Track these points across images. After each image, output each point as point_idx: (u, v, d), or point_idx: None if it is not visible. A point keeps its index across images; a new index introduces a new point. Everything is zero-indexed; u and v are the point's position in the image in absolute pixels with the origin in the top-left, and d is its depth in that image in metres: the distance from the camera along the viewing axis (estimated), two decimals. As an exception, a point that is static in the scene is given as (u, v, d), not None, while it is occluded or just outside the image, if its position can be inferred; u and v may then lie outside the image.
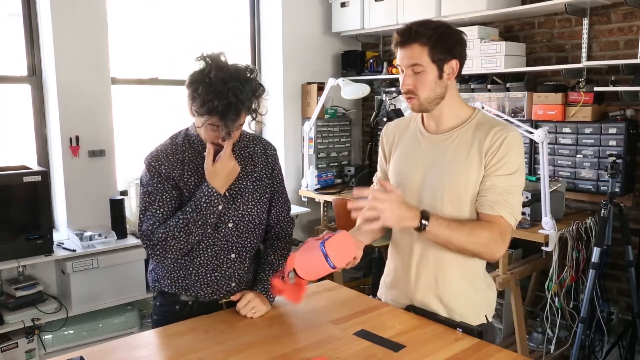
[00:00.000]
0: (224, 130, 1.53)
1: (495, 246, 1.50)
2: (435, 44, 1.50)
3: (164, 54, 3.75)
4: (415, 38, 1.50)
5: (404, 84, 1.55)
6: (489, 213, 1.51)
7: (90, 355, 1.41)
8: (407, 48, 1.52)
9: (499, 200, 1.50)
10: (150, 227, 1.60)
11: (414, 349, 1.42)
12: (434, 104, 1.57)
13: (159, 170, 1.62)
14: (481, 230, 1.49)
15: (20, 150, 3.37)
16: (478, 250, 1.51)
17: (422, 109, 1.58)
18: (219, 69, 1.51)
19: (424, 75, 1.52)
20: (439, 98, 1.56)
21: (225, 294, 1.70)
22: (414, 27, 1.52)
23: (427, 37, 1.50)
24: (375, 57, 4.35)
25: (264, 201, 1.74)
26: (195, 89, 1.52)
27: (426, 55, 1.50)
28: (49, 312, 2.97)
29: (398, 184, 1.69)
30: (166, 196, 1.62)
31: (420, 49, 1.50)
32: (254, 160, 1.74)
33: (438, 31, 1.51)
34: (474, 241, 1.49)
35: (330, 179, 4.21)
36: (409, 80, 1.54)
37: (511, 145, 1.51)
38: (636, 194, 3.10)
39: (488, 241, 1.49)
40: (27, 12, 3.20)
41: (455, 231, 1.47)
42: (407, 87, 1.54)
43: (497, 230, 1.50)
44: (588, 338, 2.77)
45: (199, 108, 1.52)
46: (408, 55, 1.52)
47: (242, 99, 1.51)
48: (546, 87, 3.29)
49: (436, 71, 1.52)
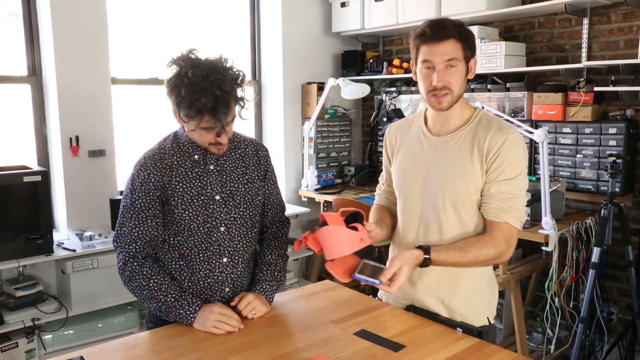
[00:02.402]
0: (218, 126, 1.52)
1: (502, 257, 1.54)
2: (466, 40, 1.52)
3: (164, 54, 3.74)
4: (451, 33, 1.50)
5: (440, 79, 1.50)
6: (494, 220, 1.53)
7: (90, 355, 1.41)
8: (443, 43, 1.49)
9: (504, 207, 1.52)
10: (123, 258, 1.61)
11: (414, 349, 1.42)
12: (457, 101, 1.57)
13: (147, 179, 1.60)
14: (486, 249, 1.51)
15: (20, 150, 3.37)
16: (485, 265, 1.57)
17: (451, 105, 1.56)
18: (194, 66, 1.49)
19: (457, 71, 1.52)
20: (461, 96, 1.57)
21: (220, 299, 1.68)
22: (448, 22, 1.52)
23: (459, 33, 1.50)
24: (375, 57, 4.35)
25: (257, 203, 1.72)
26: (178, 93, 1.48)
27: (460, 50, 1.51)
28: (49, 312, 2.97)
29: (401, 185, 1.69)
30: (142, 215, 1.60)
31: (456, 45, 1.50)
32: (245, 162, 1.72)
33: (464, 29, 1.53)
34: (479, 264, 1.54)
35: (330, 179, 4.21)
36: (442, 76, 1.51)
37: (510, 148, 1.51)
38: (636, 194, 3.10)
39: (494, 256, 1.53)
40: (27, 12, 3.20)
41: (459, 261, 1.51)
42: (442, 83, 1.51)
43: (502, 239, 1.52)
44: (588, 338, 2.77)
45: (187, 111, 1.49)
46: (445, 51, 1.49)
47: (227, 89, 1.49)
48: (546, 87, 3.29)
49: (465, 68, 1.54)
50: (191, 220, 1.61)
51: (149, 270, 1.60)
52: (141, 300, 1.62)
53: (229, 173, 1.67)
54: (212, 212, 1.63)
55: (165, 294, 1.58)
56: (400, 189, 1.70)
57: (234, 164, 1.69)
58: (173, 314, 1.58)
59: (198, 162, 1.64)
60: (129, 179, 1.65)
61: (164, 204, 1.62)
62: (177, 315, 1.57)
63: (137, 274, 1.60)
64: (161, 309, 1.58)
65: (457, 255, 1.50)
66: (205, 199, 1.62)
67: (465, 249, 1.51)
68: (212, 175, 1.65)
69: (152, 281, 1.59)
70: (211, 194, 1.63)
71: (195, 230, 1.62)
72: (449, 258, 1.50)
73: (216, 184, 1.64)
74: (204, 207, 1.62)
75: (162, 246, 1.67)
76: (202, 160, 1.65)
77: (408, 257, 1.48)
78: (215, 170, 1.65)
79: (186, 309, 1.57)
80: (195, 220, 1.62)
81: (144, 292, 1.59)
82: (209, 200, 1.63)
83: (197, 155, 1.64)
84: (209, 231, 1.63)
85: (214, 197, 1.63)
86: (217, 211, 1.63)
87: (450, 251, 1.51)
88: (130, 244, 1.61)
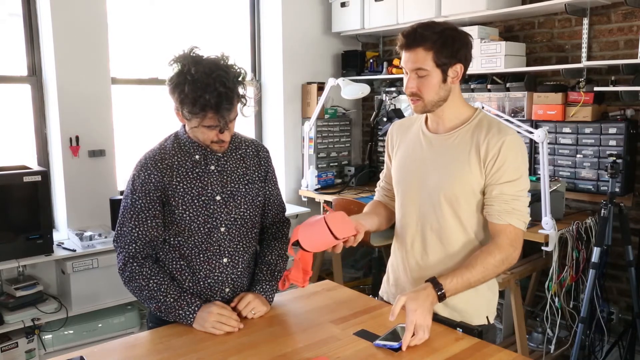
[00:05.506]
0: (221, 123, 1.52)
1: (509, 260, 1.53)
2: (440, 48, 1.49)
3: (164, 54, 3.74)
4: (420, 42, 1.49)
5: (408, 86, 1.55)
6: (497, 223, 1.53)
7: (90, 355, 1.41)
8: (412, 51, 1.51)
9: (507, 209, 1.51)
10: (123, 258, 1.61)
11: (414, 349, 1.42)
12: (437, 106, 1.57)
13: (147, 179, 1.60)
14: (492, 257, 1.50)
15: (20, 150, 3.37)
16: (497, 274, 1.55)
17: (425, 110, 1.59)
18: (196, 63, 1.49)
19: (428, 79, 1.51)
20: (442, 100, 1.56)
21: (220, 300, 1.67)
22: (419, 30, 1.50)
23: (432, 41, 1.48)
24: (375, 57, 4.35)
25: (257, 204, 1.73)
26: (182, 90, 1.49)
27: (430, 59, 1.49)
28: (49, 312, 2.97)
29: (399, 182, 1.70)
30: (142, 216, 1.60)
31: (424, 54, 1.49)
32: (246, 163, 1.72)
33: (443, 35, 1.49)
34: (491, 273, 1.51)
35: (330, 179, 4.21)
36: (412, 83, 1.53)
37: (509, 151, 1.51)
38: (636, 194, 3.10)
39: (502, 261, 1.51)
40: (27, 12, 3.20)
41: (471, 277, 1.49)
42: (411, 90, 1.54)
43: (507, 242, 1.51)
44: (588, 338, 2.77)
45: (191, 108, 1.49)
46: (412, 59, 1.51)
47: (230, 86, 1.50)
48: (546, 87, 3.29)
49: (440, 75, 1.52)
50: (192, 220, 1.61)
51: (148, 271, 1.60)
52: (141, 301, 1.62)
53: (230, 173, 1.67)
54: (212, 213, 1.63)
55: (164, 294, 1.58)
56: (399, 187, 1.71)
57: (235, 164, 1.69)
58: (173, 314, 1.58)
59: (199, 162, 1.64)
60: (130, 179, 1.65)
61: (165, 204, 1.62)
62: (177, 316, 1.58)
63: (137, 274, 1.60)
64: (161, 309, 1.59)
65: (466, 273, 1.48)
66: (206, 200, 1.62)
67: (472, 264, 1.49)
68: (212, 175, 1.65)
69: (152, 281, 1.59)
70: (212, 195, 1.63)
71: (195, 231, 1.62)
72: (459, 279, 1.47)
73: (217, 184, 1.64)
74: (205, 208, 1.62)
75: (162, 246, 1.67)
76: (203, 161, 1.65)
77: (421, 299, 1.43)
78: (216, 171, 1.65)
79: (185, 310, 1.57)
80: (195, 220, 1.62)
81: (143, 293, 1.59)
82: (210, 200, 1.63)
83: (198, 155, 1.64)
84: (209, 231, 1.63)
85: (214, 197, 1.63)
86: (217, 212, 1.63)
87: (458, 272, 1.49)
88: (131, 244, 1.61)
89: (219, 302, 1.63)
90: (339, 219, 1.52)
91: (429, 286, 1.46)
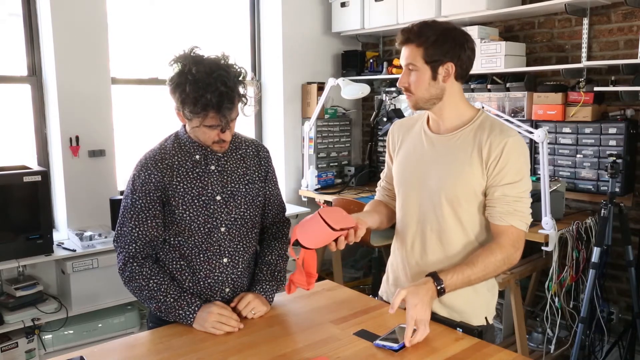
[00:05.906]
0: (222, 122, 1.52)
1: (510, 260, 1.53)
2: (430, 46, 1.52)
3: (164, 54, 3.75)
4: (412, 38, 1.54)
5: (400, 81, 1.59)
6: (499, 224, 1.53)
7: (90, 355, 1.41)
8: (405, 47, 1.56)
9: (509, 211, 1.52)
10: (123, 258, 1.61)
11: (414, 349, 1.42)
12: (430, 103, 1.58)
13: (148, 179, 1.60)
14: (493, 256, 1.51)
15: (20, 150, 3.37)
16: (498, 273, 1.55)
17: (418, 106, 1.61)
18: (197, 63, 1.50)
19: (417, 75, 1.55)
20: (434, 99, 1.57)
21: (220, 300, 1.67)
22: (414, 27, 1.55)
23: (425, 37, 1.52)
24: (375, 57, 4.35)
25: (257, 204, 1.73)
26: (183, 90, 1.49)
27: (420, 56, 1.53)
28: (49, 312, 2.97)
29: (400, 181, 1.70)
30: (142, 216, 1.60)
31: (415, 50, 1.53)
32: (246, 163, 1.72)
33: (437, 33, 1.52)
34: (491, 271, 1.52)
35: (330, 179, 4.21)
36: (404, 79, 1.58)
37: (512, 152, 1.51)
38: (636, 194, 3.10)
39: (503, 260, 1.52)
40: (27, 12, 3.20)
41: (471, 275, 1.50)
42: (402, 84, 1.59)
43: (509, 243, 1.52)
44: (588, 338, 2.77)
45: (193, 107, 1.49)
46: (405, 55, 1.56)
47: (231, 86, 1.50)
48: (546, 87, 3.29)
49: (429, 72, 1.54)
50: (192, 220, 1.61)
51: (148, 271, 1.60)
52: (141, 301, 1.62)
53: (230, 173, 1.67)
54: (212, 213, 1.63)
55: (164, 294, 1.58)
56: (400, 186, 1.71)
57: (235, 164, 1.69)
58: (173, 314, 1.58)
59: (199, 162, 1.64)
60: (130, 179, 1.65)
61: (165, 204, 1.62)
62: (177, 316, 1.58)
63: (137, 274, 1.60)
64: (161, 309, 1.59)
65: (467, 270, 1.49)
66: (206, 200, 1.62)
67: (473, 261, 1.50)
68: (213, 175, 1.65)
69: (152, 281, 1.59)
70: (212, 195, 1.63)
71: (195, 231, 1.62)
72: (459, 276, 1.48)
73: (217, 184, 1.64)
74: (205, 208, 1.62)
75: (162, 246, 1.67)
76: (204, 161, 1.65)
77: (422, 294, 1.44)
78: (216, 171, 1.65)
79: (185, 310, 1.57)
80: (195, 220, 1.62)
81: (143, 292, 1.59)
82: (210, 200, 1.63)
83: (199, 155, 1.64)
84: (209, 231, 1.63)
85: (214, 197, 1.63)
86: (217, 211, 1.63)
87: (458, 268, 1.50)
88: (131, 244, 1.61)
89: (219, 302, 1.63)
90: (334, 211, 1.52)
91: (430, 280, 1.47)
